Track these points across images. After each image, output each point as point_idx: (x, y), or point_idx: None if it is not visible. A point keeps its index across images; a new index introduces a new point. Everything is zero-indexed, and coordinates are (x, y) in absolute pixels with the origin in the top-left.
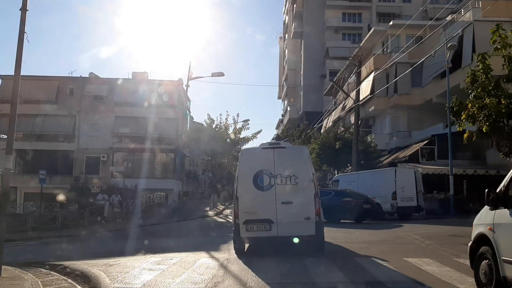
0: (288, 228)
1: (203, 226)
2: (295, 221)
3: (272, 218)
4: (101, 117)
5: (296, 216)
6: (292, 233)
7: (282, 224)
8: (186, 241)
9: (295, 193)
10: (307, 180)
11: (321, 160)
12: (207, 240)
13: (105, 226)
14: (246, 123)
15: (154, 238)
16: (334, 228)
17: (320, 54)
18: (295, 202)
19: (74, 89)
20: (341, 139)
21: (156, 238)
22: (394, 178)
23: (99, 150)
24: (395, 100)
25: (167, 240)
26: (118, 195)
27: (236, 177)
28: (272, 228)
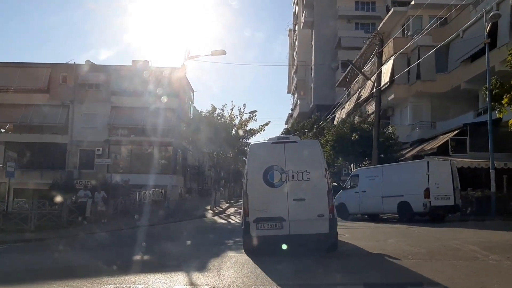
0: (301, 226)
1: (197, 230)
2: (308, 219)
3: (283, 216)
4: (96, 108)
5: (308, 213)
6: (305, 231)
7: (294, 222)
8: (166, 254)
9: (307, 190)
10: (319, 176)
11: (336, 153)
12: (194, 252)
13: (85, 227)
14: (253, 114)
15: (128, 247)
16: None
17: (331, 44)
18: (307, 199)
19: (67, 77)
20: (358, 130)
21: (130, 247)
22: (427, 172)
23: (94, 143)
24: (417, 87)
25: (141, 251)
26: (101, 191)
27: (245, 173)
28: (284, 226)
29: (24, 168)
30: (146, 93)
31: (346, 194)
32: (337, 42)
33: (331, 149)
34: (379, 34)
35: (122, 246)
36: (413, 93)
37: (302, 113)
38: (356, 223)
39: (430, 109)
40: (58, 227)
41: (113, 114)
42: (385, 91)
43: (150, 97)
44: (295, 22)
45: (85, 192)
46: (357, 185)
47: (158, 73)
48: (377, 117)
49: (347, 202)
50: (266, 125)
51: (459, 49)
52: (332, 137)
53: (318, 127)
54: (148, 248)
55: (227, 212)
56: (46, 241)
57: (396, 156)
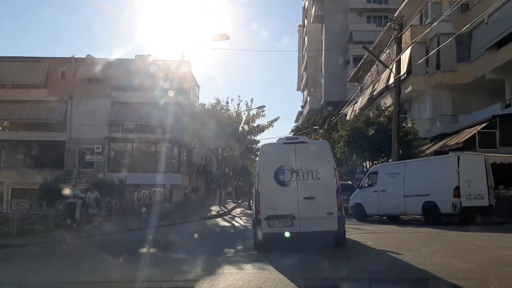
0: (311, 224)
1: (193, 235)
2: (318, 217)
3: (294, 214)
4: (96, 103)
5: (318, 211)
6: (315, 229)
7: (304, 219)
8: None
9: (317, 188)
10: (329, 175)
11: (350, 149)
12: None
13: (72, 231)
14: (261, 110)
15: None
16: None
17: (343, 39)
18: (317, 198)
19: (66, 72)
20: (374, 124)
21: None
22: (457, 168)
23: (93, 140)
24: (437, 79)
25: (116, 266)
26: (94, 192)
27: (257, 173)
28: (295, 223)
29: (22, 167)
30: (148, 88)
31: (363, 193)
32: (348, 36)
33: (345, 145)
34: (399, 18)
35: (102, 257)
36: (433, 85)
37: (312, 110)
38: (376, 226)
39: (451, 102)
40: (45, 231)
41: (113, 110)
42: (402, 84)
43: (153, 92)
44: (305, 17)
45: (74, 192)
46: (376, 184)
47: (162, 67)
48: (396, 108)
49: (365, 202)
50: (274, 121)
51: (483, 36)
52: (346, 132)
53: (330, 122)
54: (128, 262)
55: (233, 213)
56: (26, 247)
57: (415, 153)
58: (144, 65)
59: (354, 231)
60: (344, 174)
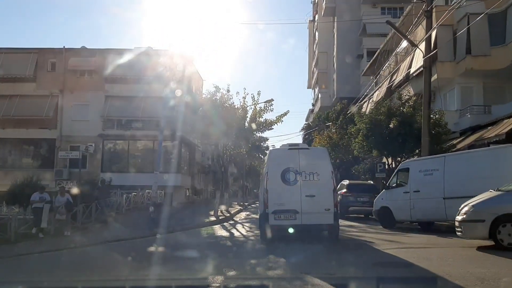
0: (311, 218)
1: (175, 251)
2: (317, 212)
3: (297, 209)
4: (88, 97)
5: (317, 207)
6: (314, 222)
7: (305, 214)
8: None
9: (317, 188)
10: (327, 177)
11: (369, 145)
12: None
13: (37, 243)
14: (270, 104)
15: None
16: (427, 254)
17: (355, 31)
18: (317, 195)
19: (57, 64)
20: (397, 115)
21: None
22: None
23: (86, 138)
24: (467, 64)
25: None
26: (65, 194)
27: (266, 173)
28: (297, 217)
29: (9, 168)
30: (146, 80)
31: (391, 194)
32: (362, 28)
33: (363, 140)
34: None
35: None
36: (462, 71)
37: (324, 107)
38: (411, 236)
39: (483, 91)
40: (5, 242)
41: (107, 104)
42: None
43: (151, 85)
44: (315, 11)
45: (41, 195)
46: (407, 183)
47: (161, 58)
48: (427, 93)
49: (393, 205)
50: (284, 115)
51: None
52: (365, 125)
53: (345, 116)
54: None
55: (236, 218)
56: None
57: (445, 147)
58: (141, 56)
59: (387, 244)
60: (362, 172)
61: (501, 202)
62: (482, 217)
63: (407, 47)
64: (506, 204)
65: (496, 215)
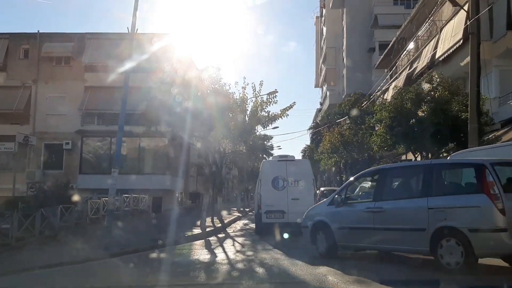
0: (296, 216)
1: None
2: (301, 212)
3: (284, 209)
4: (65, 88)
5: (301, 208)
6: (298, 220)
7: (291, 213)
8: None
9: (301, 192)
10: (309, 183)
11: (393, 137)
12: None
13: None
14: (273, 95)
15: None
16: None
17: (366, 24)
18: (300, 199)
19: (30, 51)
20: (429, 101)
21: None
22: None
23: (62, 134)
24: (508, 43)
25: None
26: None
27: (259, 180)
28: (285, 216)
29: None
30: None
31: None
32: (373, 20)
33: (386, 132)
34: None
35: None
36: (500, 52)
37: (332, 105)
38: None
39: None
40: None
41: (87, 96)
42: (454, 56)
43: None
44: (322, 5)
45: None
46: None
47: (148, 42)
48: (475, 67)
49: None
50: (289, 108)
51: None
52: (388, 114)
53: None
54: None
55: (230, 230)
56: None
57: (488, 140)
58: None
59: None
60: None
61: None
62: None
63: (430, 29)
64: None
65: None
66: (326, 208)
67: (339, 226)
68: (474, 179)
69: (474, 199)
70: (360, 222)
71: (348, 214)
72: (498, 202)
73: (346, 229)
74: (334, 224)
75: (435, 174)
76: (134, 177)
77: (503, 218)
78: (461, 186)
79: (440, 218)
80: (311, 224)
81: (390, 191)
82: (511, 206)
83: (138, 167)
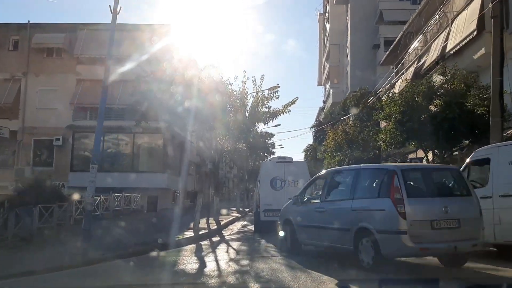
0: None
1: None
2: None
3: (281, 208)
4: (56, 81)
5: None
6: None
7: None
8: None
9: (297, 192)
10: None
11: (403, 133)
12: None
13: None
14: (275, 90)
15: None
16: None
17: (371, 19)
18: None
19: (20, 42)
20: (442, 95)
21: None
22: None
23: (53, 130)
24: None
25: None
26: None
27: (258, 181)
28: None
29: None
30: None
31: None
32: (378, 16)
33: (396, 128)
34: None
35: None
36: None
37: (336, 103)
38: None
39: None
40: None
41: (79, 89)
42: (467, 48)
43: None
44: (326, 1)
45: None
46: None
47: (144, 34)
48: (497, 54)
49: None
50: (291, 103)
51: None
52: (398, 108)
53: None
54: None
55: (226, 232)
56: None
57: (507, 136)
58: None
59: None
60: None
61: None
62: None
63: (441, 21)
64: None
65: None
66: (292, 207)
67: (298, 224)
68: (386, 184)
69: (381, 203)
70: (312, 221)
71: (304, 213)
72: (400, 206)
73: (302, 227)
74: (295, 222)
75: (361, 178)
76: (129, 175)
77: (404, 221)
78: (375, 190)
79: (360, 219)
80: (282, 221)
81: (331, 193)
82: (413, 211)
83: (133, 164)
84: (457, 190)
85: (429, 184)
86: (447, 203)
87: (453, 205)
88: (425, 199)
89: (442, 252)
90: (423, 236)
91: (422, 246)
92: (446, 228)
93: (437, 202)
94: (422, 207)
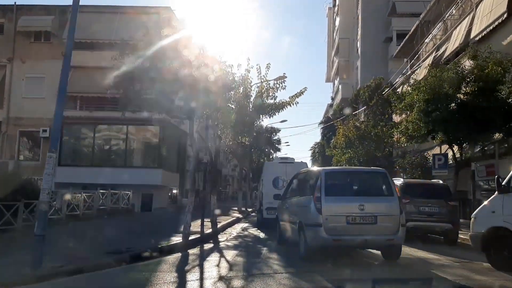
0: None
1: None
2: None
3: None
4: (44, 68)
5: None
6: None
7: None
8: None
9: None
10: None
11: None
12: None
13: None
14: (282, 80)
15: None
16: None
17: (383, 11)
18: None
19: (5, 25)
20: (475, 80)
21: None
22: None
23: (39, 120)
24: None
25: None
26: None
27: (261, 180)
28: None
29: None
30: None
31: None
32: (391, 7)
33: (421, 119)
34: None
35: None
36: None
37: (344, 99)
38: None
39: None
40: None
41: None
42: (492, 35)
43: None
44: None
45: None
46: None
47: (138, 17)
48: None
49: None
50: (300, 94)
51: None
52: (424, 95)
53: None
54: None
55: (222, 237)
56: None
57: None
58: (113, 14)
59: None
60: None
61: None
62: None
63: (463, 6)
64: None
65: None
66: (279, 205)
67: (279, 219)
68: (313, 184)
69: (309, 201)
70: (282, 217)
71: (283, 209)
72: (318, 203)
73: (280, 222)
74: (279, 218)
75: (306, 178)
76: (120, 171)
77: (320, 216)
78: (309, 190)
79: (299, 214)
80: (276, 218)
81: (293, 191)
82: (329, 207)
83: (125, 159)
84: (379, 191)
85: (351, 185)
86: (364, 202)
87: (370, 204)
88: (342, 197)
89: (354, 244)
90: (337, 229)
91: (335, 238)
92: (361, 223)
93: (353, 200)
94: (338, 204)
